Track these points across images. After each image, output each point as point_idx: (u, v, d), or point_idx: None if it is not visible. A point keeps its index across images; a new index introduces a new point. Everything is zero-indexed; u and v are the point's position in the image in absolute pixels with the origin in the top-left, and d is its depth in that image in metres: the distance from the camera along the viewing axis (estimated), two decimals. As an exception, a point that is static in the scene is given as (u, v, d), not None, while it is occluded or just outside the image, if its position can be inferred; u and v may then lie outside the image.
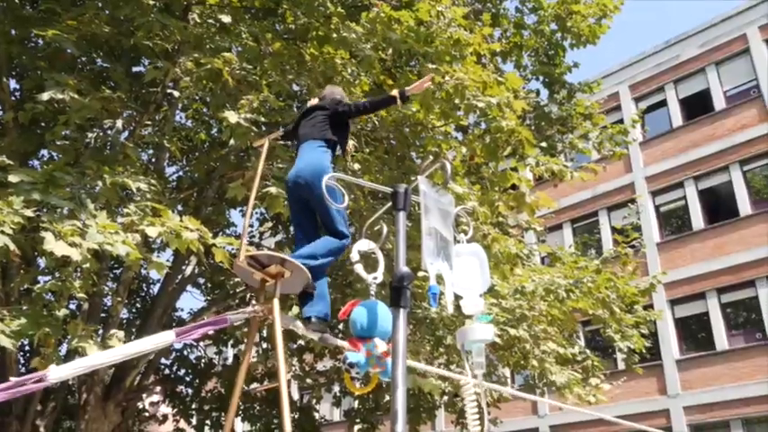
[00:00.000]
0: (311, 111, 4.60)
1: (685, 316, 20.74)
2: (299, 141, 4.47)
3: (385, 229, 2.81)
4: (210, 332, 13.15)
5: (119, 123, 8.15)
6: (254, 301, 5.66)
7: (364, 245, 2.70)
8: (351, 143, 6.99)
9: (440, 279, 2.33)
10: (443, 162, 2.50)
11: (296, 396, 17.82)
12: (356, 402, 13.39)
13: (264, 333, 12.45)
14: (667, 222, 22.39)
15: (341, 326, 9.45)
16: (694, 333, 20.80)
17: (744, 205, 20.25)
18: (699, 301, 20.31)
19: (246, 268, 3.68)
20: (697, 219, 21.17)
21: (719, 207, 21.06)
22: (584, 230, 23.64)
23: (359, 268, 2.71)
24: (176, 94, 7.87)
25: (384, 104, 4.81)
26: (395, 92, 4.41)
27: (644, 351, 11.30)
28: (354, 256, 2.68)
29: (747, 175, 20.67)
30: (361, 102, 4.85)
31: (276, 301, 3.60)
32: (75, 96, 6.46)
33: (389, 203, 2.45)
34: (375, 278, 2.74)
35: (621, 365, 15.88)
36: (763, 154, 20.24)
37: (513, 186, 8.30)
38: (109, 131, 8.36)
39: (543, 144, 10.55)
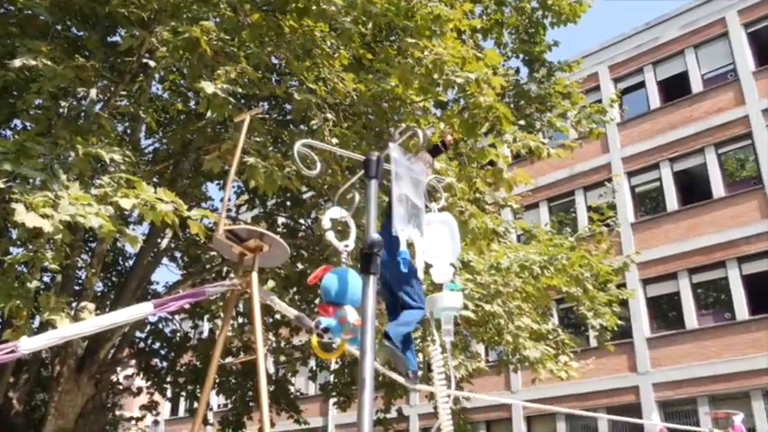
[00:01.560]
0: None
1: (657, 295, 21.06)
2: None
3: (357, 198, 2.80)
4: (188, 306, 13.09)
5: (93, 93, 8.02)
6: (231, 275, 5.64)
7: (336, 213, 2.69)
8: (329, 116, 6.96)
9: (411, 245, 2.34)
10: (417, 130, 2.49)
11: (272, 370, 17.88)
12: (332, 376, 13.46)
13: (241, 308, 12.45)
14: (642, 203, 22.63)
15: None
16: (665, 312, 21.14)
17: (717, 187, 20.51)
18: (671, 281, 20.62)
19: (225, 241, 3.66)
20: (671, 200, 21.42)
21: (693, 189, 21.32)
22: (561, 209, 23.82)
23: (330, 236, 2.70)
24: (152, 64, 7.74)
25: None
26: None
27: (616, 329, 11.47)
28: (326, 223, 2.67)
29: (722, 158, 20.91)
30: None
31: (254, 275, 3.59)
32: (49, 64, 6.33)
33: (362, 172, 2.45)
34: (347, 246, 2.73)
35: (593, 343, 16.13)
36: (738, 137, 20.47)
37: (491, 163, 8.32)
38: (83, 101, 8.23)
39: (522, 122, 10.57)
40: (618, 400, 20.25)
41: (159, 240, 10.56)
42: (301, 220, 11.37)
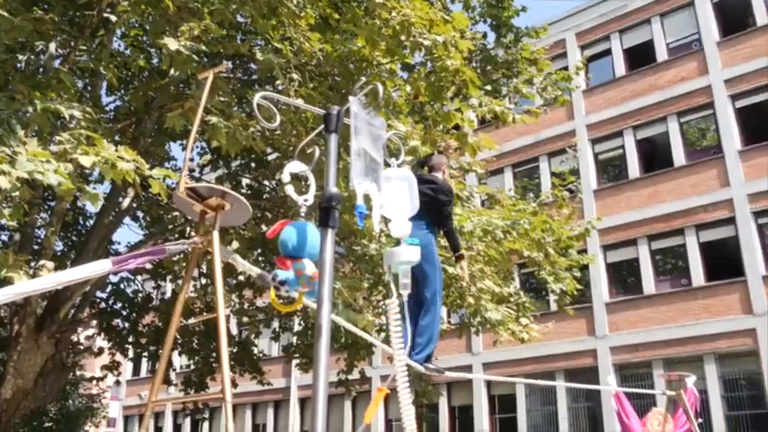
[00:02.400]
0: (423, 182, 5.04)
1: (616, 261, 21.48)
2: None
3: (317, 152, 2.79)
4: (148, 265, 12.95)
5: (52, 47, 7.80)
6: (193, 234, 5.60)
7: (296, 167, 2.68)
8: (295, 76, 6.88)
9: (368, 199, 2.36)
10: (376, 85, 2.49)
11: (234, 331, 17.90)
12: (295, 338, 13.52)
13: (204, 268, 12.39)
14: (605, 170, 22.93)
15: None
16: (624, 278, 21.60)
17: (678, 156, 20.86)
18: (630, 247, 21.03)
19: (186, 199, 3.62)
20: (633, 167, 21.73)
21: (655, 157, 21.66)
22: (525, 175, 24.03)
23: (290, 190, 2.69)
24: (114, 18, 7.55)
25: (451, 244, 5.82)
26: (460, 254, 5.67)
27: (575, 293, 11.68)
28: (285, 177, 2.66)
29: (683, 127, 21.23)
30: (449, 228, 5.68)
31: (216, 234, 3.58)
32: (5, 15, 6.14)
33: (322, 126, 2.46)
34: (306, 200, 2.74)
35: (554, 307, 16.44)
36: (700, 107, 20.78)
37: (457, 127, 8.33)
38: (41, 55, 8.01)
39: (488, 87, 10.57)
40: (576, 362, 20.75)
41: (120, 200, 10.41)
42: (266, 182, 11.29)
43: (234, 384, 13.68)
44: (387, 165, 2.52)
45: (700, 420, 9.87)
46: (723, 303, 18.85)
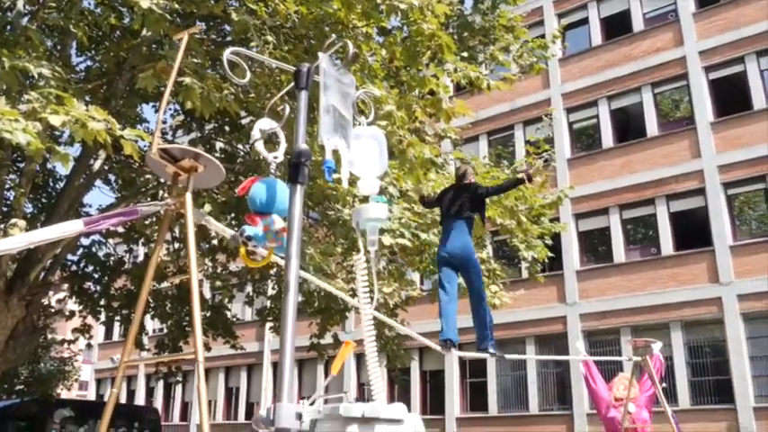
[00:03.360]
0: (459, 189, 6.24)
1: (588, 230, 21.74)
2: (447, 215, 6.16)
3: (288, 109, 2.78)
4: (121, 228, 12.81)
5: (20, 3, 7.62)
6: (166, 196, 5.56)
7: (266, 124, 2.67)
8: (270, 38, 6.80)
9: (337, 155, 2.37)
10: (346, 41, 2.48)
11: (208, 295, 17.88)
12: (269, 302, 13.55)
13: (177, 232, 12.32)
14: (579, 139, 23.07)
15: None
16: (595, 246, 21.89)
17: (651, 126, 21.04)
18: (602, 216, 21.28)
19: (159, 161, 3.59)
20: (607, 137, 21.89)
21: (629, 127, 21.82)
22: (500, 143, 24.09)
23: (260, 146, 2.69)
24: (83, -25, 7.37)
25: (512, 186, 7.04)
26: (522, 175, 6.27)
27: (546, 261, 11.82)
28: (256, 133, 2.66)
29: (657, 98, 21.39)
30: (493, 187, 6.86)
31: (189, 196, 3.56)
32: (-30, -30, 5.97)
33: (293, 83, 2.45)
34: (276, 157, 2.74)
35: (525, 274, 16.64)
36: (674, 78, 20.92)
37: (432, 92, 8.32)
38: (8, 12, 7.82)
39: (464, 54, 10.54)
40: (546, 329, 21.09)
41: (92, 162, 10.28)
42: (239, 146, 11.21)
43: (207, 348, 13.74)
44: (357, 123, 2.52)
45: (664, 385, 10.13)
46: (691, 272, 19.22)
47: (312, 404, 2.08)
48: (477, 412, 22.21)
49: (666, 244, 19.92)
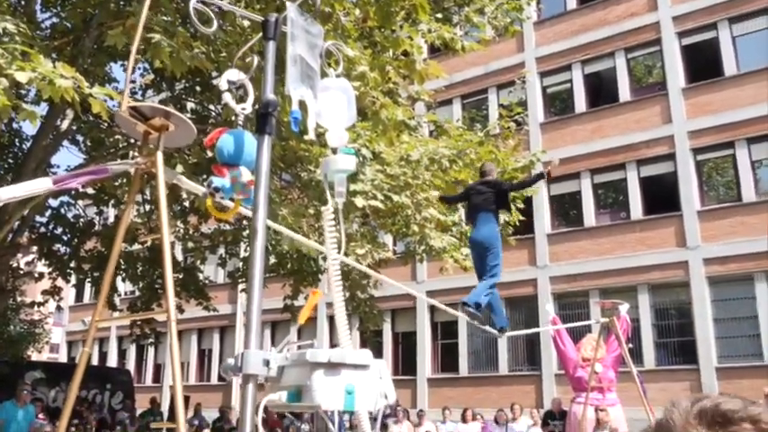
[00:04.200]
0: (483, 185, 7.27)
1: (559, 194, 21.92)
2: (475, 207, 7.22)
3: (256, 60, 2.76)
4: (90, 190, 12.62)
5: (-19, -44, 7.36)
6: (135, 154, 5.50)
7: (234, 75, 2.65)
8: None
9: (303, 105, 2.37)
10: (315, -5, 2.47)
11: (180, 257, 17.79)
12: (241, 264, 13.54)
13: (148, 194, 12.20)
14: (552, 104, 23.13)
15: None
16: (566, 210, 22.12)
17: (624, 92, 21.15)
18: (573, 181, 21.45)
19: (129, 119, 3.54)
20: (580, 102, 21.97)
21: (602, 92, 21.90)
22: (474, 107, 24.08)
23: (227, 97, 2.66)
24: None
25: (533, 182, 8.48)
26: (543, 170, 7.43)
27: (518, 224, 11.93)
28: (223, 84, 2.63)
29: (630, 63, 21.46)
30: (515, 183, 8.23)
31: (159, 154, 3.53)
32: None
33: (260, 34, 2.43)
34: (243, 109, 2.72)
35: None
36: (647, 43, 20.97)
37: (405, 53, 8.26)
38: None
39: (439, 15, 10.45)
40: (516, 291, 21.35)
41: (59, 122, 10.10)
42: (211, 106, 11.07)
43: (180, 310, 13.72)
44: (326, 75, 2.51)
45: (630, 346, 10.36)
46: (659, 236, 19.53)
47: (280, 352, 2.10)
48: (448, 373, 22.56)
49: (636, 208, 20.19)
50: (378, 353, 23.45)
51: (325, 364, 2.01)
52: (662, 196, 19.78)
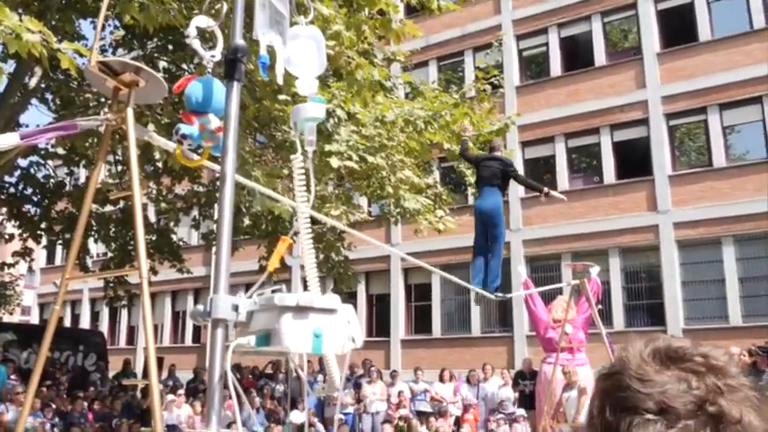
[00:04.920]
0: (491, 159, 8.11)
1: (534, 157, 22.03)
2: (483, 179, 8.03)
3: (225, 7, 2.72)
4: (60, 150, 12.38)
5: None
6: (106, 111, 5.40)
7: (203, 21, 2.61)
8: None
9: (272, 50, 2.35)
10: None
11: (153, 219, 17.66)
12: (215, 225, 13.47)
13: (120, 155, 12.04)
14: (528, 67, 23.09)
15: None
16: (540, 174, 22.16)
17: (600, 56, 21.16)
18: (547, 144, 21.55)
19: (98, 74, 3.47)
20: (555, 66, 21.96)
21: (577, 56, 21.89)
22: (450, 69, 23.93)
23: (196, 44, 2.63)
24: None
25: (532, 187, 9.24)
26: (546, 189, 8.41)
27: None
28: (192, 31, 2.59)
29: (606, 27, 21.44)
30: (520, 176, 8.94)
31: (130, 111, 3.47)
32: None
33: None
34: (213, 56, 2.68)
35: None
36: (624, 7, 20.94)
37: (381, 12, 8.17)
38: None
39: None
40: (490, 254, 21.50)
41: (28, 79, 9.87)
42: (184, 65, 10.89)
43: (154, 272, 13.67)
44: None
45: (600, 307, 10.53)
46: (631, 200, 19.76)
47: (250, 297, 2.11)
48: (422, 335, 22.82)
49: (609, 173, 20.36)
50: (352, 315, 23.66)
51: (294, 307, 2.02)
52: (634, 161, 19.96)
